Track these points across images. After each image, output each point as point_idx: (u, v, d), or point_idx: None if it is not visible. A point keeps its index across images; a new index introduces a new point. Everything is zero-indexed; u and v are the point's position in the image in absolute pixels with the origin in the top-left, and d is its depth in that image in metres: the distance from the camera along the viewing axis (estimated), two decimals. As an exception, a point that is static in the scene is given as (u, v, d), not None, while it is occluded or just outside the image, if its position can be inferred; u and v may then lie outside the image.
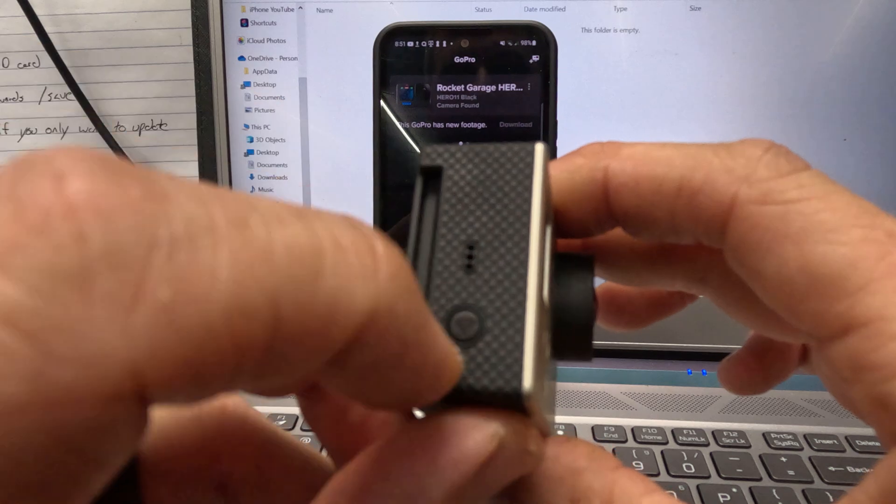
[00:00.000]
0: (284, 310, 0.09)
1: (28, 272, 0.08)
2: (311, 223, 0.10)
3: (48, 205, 0.08)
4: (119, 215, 0.08)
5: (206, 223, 0.09)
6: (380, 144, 0.44)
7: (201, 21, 0.51)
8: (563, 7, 0.49)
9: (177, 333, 0.08)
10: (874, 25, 0.48)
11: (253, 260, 0.09)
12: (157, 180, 0.09)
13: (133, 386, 0.08)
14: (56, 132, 0.64)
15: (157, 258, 0.08)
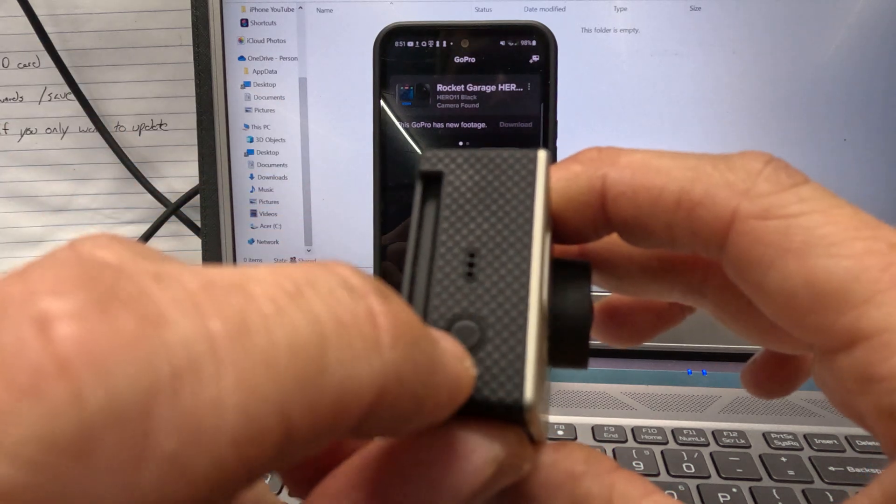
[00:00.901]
0: (293, 416, 0.09)
1: (22, 445, 0.07)
2: (309, 305, 0.09)
3: (37, 362, 0.07)
4: (116, 362, 0.07)
5: (206, 345, 0.08)
6: (380, 144, 0.44)
7: (201, 21, 0.51)
8: (563, 7, 0.49)
9: (186, 482, 0.08)
10: (874, 25, 0.48)
11: (257, 375, 0.08)
12: (149, 294, 0.08)
13: None
14: (56, 132, 0.64)
15: (160, 405, 0.08)
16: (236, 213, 0.53)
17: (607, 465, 0.16)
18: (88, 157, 0.64)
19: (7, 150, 0.64)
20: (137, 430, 0.07)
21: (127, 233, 0.64)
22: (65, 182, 0.64)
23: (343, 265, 0.11)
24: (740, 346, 0.51)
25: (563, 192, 0.17)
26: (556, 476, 0.15)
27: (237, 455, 0.08)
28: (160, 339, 0.08)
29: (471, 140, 0.44)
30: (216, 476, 0.08)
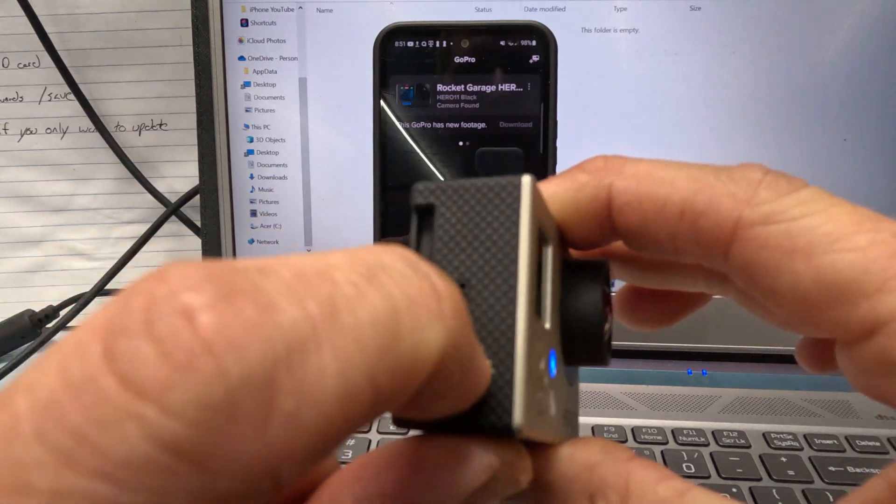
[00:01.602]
0: (380, 380, 0.11)
1: (184, 407, 0.09)
2: (383, 285, 0.11)
3: (189, 344, 0.09)
4: (246, 343, 0.09)
5: (307, 325, 0.10)
6: (380, 144, 0.44)
7: (201, 21, 0.51)
8: (563, 7, 0.49)
9: (303, 433, 0.10)
10: (874, 26, 0.48)
11: (349, 347, 0.10)
12: (260, 288, 0.10)
13: (271, 482, 0.10)
14: (56, 132, 0.64)
15: (280, 374, 0.10)
16: (236, 213, 0.53)
17: (624, 454, 0.16)
18: (88, 157, 0.64)
19: (7, 150, 0.64)
20: (266, 394, 0.09)
21: (127, 233, 0.64)
22: (65, 182, 0.64)
23: (403, 248, 0.12)
24: (740, 346, 0.51)
25: (570, 202, 0.17)
26: (573, 467, 0.16)
27: (340, 412, 0.10)
28: (274, 322, 0.10)
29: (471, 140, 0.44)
30: (326, 429, 0.10)
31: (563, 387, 0.17)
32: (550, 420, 0.16)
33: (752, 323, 0.50)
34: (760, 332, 0.50)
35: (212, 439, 0.09)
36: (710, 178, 0.16)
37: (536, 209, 0.15)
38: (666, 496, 0.15)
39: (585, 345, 0.17)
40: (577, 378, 0.19)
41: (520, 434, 0.14)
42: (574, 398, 0.19)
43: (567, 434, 0.17)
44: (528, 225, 0.14)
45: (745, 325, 0.50)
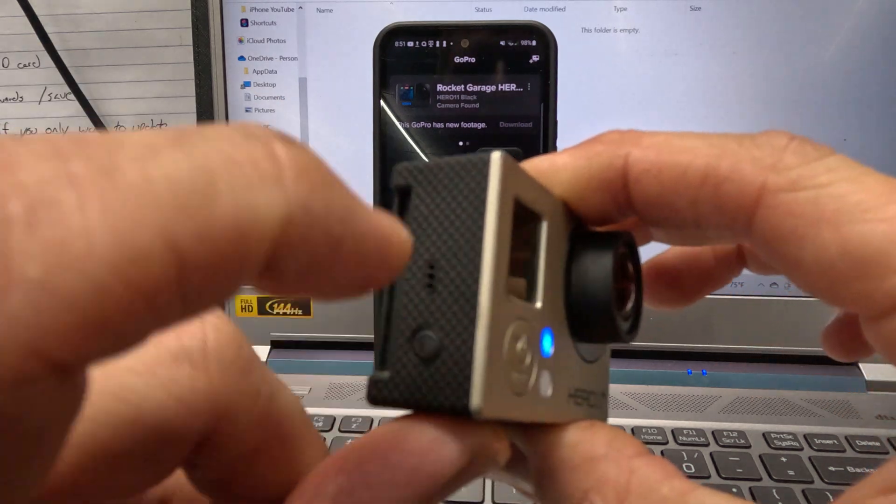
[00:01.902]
0: (183, 243, 0.09)
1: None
2: (193, 147, 0.09)
3: None
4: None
5: (65, 181, 0.08)
6: (380, 144, 0.44)
7: (201, 21, 0.51)
8: (563, 7, 0.49)
9: (63, 303, 0.08)
10: (874, 25, 0.48)
11: (130, 204, 0.09)
12: (4, 148, 0.09)
13: (39, 364, 0.08)
14: (56, 132, 0.64)
15: (15, 235, 0.08)
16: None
17: (630, 449, 0.15)
18: (88, 157, 0.64)
19: (7, 150, 0.64)
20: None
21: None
22: (65, 182, 0.64)
23: (246, 122, 0.11)
24: (740, 346, 0.51)
25: (584, 172, 0.17)
26: (576, 458, 0.15)
27: (121, 279, 0.08)
28: (11, 179, 0.08)
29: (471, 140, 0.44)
30: (101, 300, 0.08)
31: (571, 365, 0.17)
32: (540, 400, 0.15)
33: (752, 323, 0.50)
34: (760, 332, 0.50)
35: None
36: (732, 145, 0.16)
37: (511, 185, 0.14)
38: (669, 496, 0.14)
39: (593, 320, 0.16)
40: (604, 355, 0.19)
41: (479, 415, 0.13)
42: (594, 376, 0.18)
43: (579, 414, 0.17)
44: (495, 202, 0.14)
45: (745, 325, 0.50)
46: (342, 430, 0.42)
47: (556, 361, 0.16)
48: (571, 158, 0.17)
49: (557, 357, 0.16)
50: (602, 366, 0.19)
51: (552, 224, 0.16)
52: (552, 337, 0.16)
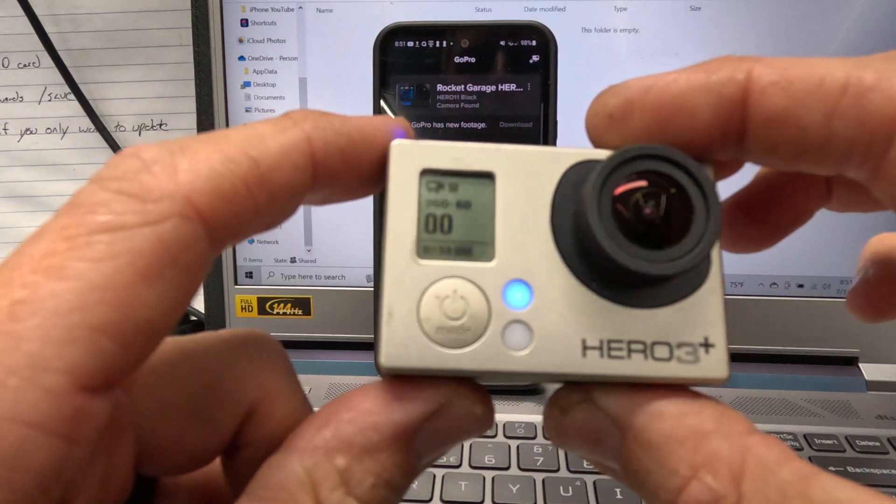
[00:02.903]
0: (253, 155, 0.15)
1: (121, 172, 0.14)
2: (250, 125, 0.16)
3: (129, 161, 0.14)
4: (151, 149, 0.15)
5: (193, 143, 0.15)
6: (380, 144, 0.44)
7: (201, 21, 0.51)
8: (563, 7, 0.49)
9: (200, 178, 0.14)
10: (874, 26, 0.48)
11: (223, 143, 0.15)
12: (172, 146, 0.15)
13: (191, 208, 0.14)
14: (56, 132, 0.64)
15: (176, 156, 0.15)
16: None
17: (742, 426, 0.14)
18: (88, 157, 0.64)
19: (7, 150, 0.64)
20: (169, 161, 0.15)
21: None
22: (65, 182, 0.64)
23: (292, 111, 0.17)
24: (740, 346, 0.51)
25: (702, 84, 0.15)
26: (680, 430, 0.14)
27: (224, 167, 0.15)
28: (175, 146, 0.15)
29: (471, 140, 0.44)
30: (217, 176, 0.15)
31: (586, 314, 0.16)
32: (507, 351, 0.16)
33: (752, 323, 0.50)
34: (760, 332, 0.50)
35: (138, 183, 0.14)
36: (875, 62, 0.14)
37: (412, 162, 0.16)
38: (790, 480, 0.13)
39: (589, 256, 0.16)
40: (694, 296, 0.16)
41: (386, 372, 0.15)
42: (664, 324, 0.16)
43: (637, 369, 0.16)
44: (391, 179, 0.16)
45: (745, 325, 0.50)
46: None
47: (540, 313, 0.16)
48: (686, 72, 0.16)
49: (544, 308, 0.16)
50: (687, 311, 0.16)
51: (513, 179, 0.16)
52: (529, 288, 0.16)
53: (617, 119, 0.16)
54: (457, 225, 0.16)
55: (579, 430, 0.16)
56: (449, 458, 0.39)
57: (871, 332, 0.49)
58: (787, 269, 0.50)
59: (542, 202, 0.16)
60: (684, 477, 0.14)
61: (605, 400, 0.16)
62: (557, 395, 0.17)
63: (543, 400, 0.45)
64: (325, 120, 0.16)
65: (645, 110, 0.16)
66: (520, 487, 0.36)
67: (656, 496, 0.14)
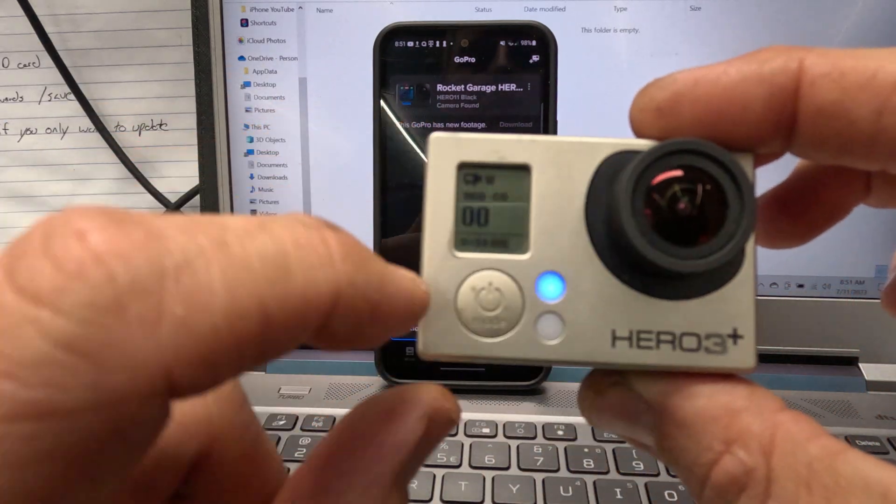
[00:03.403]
0: (269, 306, 0.12)
1: (76, 308, 0.10)
2: (273, 232, 0.12)
3: (80, 256, 0.10)
4: (134, 255, 0.10)
5: (196, 249, 0.11)
6: (380, 144, 0.44)
7: (201, 21, 0.51)
8: (563, 7, 0.49)
9: (193, 338, 0.11)
10: (874, 26, 0.48)
11: (237, 271, 0.11)
12: (151, 222, 0.11)
13: (165, 383, 0.11)
14: (56, 132, 0.64)
15: (168, 283, 0.11)
16: (236, 213, 0.53)
17: (773, 403, 0.15)
18: (88, 157, 0.64)
19: (7, 150, 0.64)
20: (154, 300, 0.10)
21: (127, 233, 0.64)
22: (65, 182, 0.64)
23: (304, 215, 0.13)
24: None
25: (755, 75, 0.15)
26: (712, 407, 0.15)
27: (229, 326, 0.11)
28: (163, 245, 0.11)
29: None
30: (216, 339, 0.11)
31: (615, 305, 0.16)
32: (540, 341, 0.16)
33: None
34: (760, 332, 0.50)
35: (103, 336, 0.10)
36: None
37: (451, 155, 0.16)
38: (818, 455, 0.13)
39: (620, 249, 0.16)
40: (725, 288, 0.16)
41: (424, 355, 0.16)
42: (693, 315, 0.16)
43: (666, 358, 0.16)
44: (430, 173, 0.16)
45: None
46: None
47: (572, 304, 0.16)
48: (737, 63, 0.15)
49: (576, 300, 0.16)
50: (717, 302, 0.16)
51: (549, 171, 0.16)
52: (562, 280, 0.16)
53: (666, 113, 0.16)
54: (493, 217, 0.17)
55: (614, 410, 0.17)
56: (449, 458, 0.39)
57: (871, 332, 0.49)
58: (787, 269, 0.50)
59: (577, 193, 0.16)
60: (717, 452, 0.14)
61: (639, 384, 0.16)
62: (591, 377, 0.17)
63: (544, 400, 0.45)
64: (365, 272, 0.13)
65: (696, 103, 0.15)
66: (520, 487, 0.36)
67: (691, 471, 0.15)
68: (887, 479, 0.13)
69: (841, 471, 0.13)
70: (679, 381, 0.15)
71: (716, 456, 0.14)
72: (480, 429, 0.41)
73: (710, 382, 0.15)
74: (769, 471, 0.14)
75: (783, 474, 0.13)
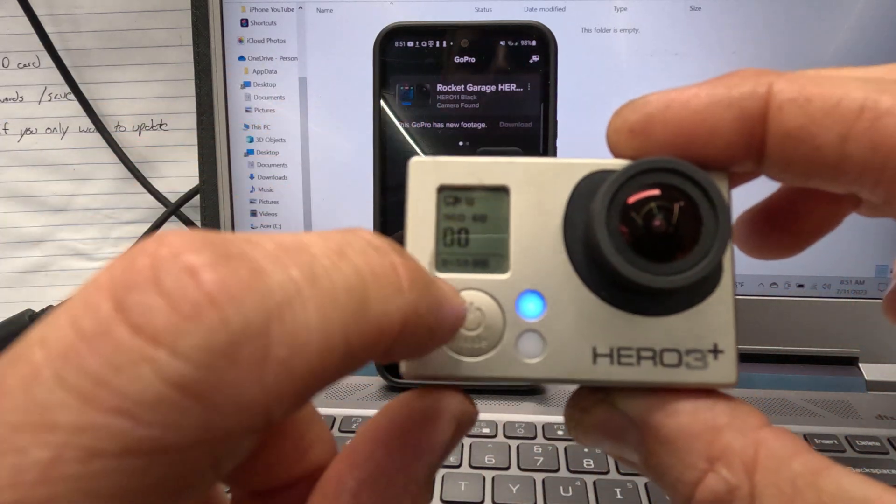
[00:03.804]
0: (351, 339, 0.12)
1: (193, 351, 0.10)
2: (352, 260, 0.13)
3: (195, 297, 0.10)
4: (244, 298, 0.11)
5: (293, 287, 0.11)
6: (380, 144, 0.44)
7: (201, 21, 0.51)
8: (563, 7, 0.49)
9: (292, 378, 0.11)
10: (874, 26, 0.48)
11: (328, 308, 0.12)
12: (250, 254, 0.11)
13: (264, 420, 0.11)
14: (56, 132, 0.64)
15: (273, 326, 0.11)
16: (236, 213, 0.53)
17: (755, 420, 0.15)
18: (88, 157, 0.64)
19: (7, 150, 0.64)
20: (262, 342, 0.11)
21: (127, 233, 0.64)
22: (65, 182, 0.64)
23: (365, 230, 0.14)
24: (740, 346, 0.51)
25: (724, 99, 0.15)
26: (695, 425, 0.15)
27: (321, 362, 0.12)
28: (266, 284, 0.11)
29: (471, 140, 0.44)
30: (310, 377, 0.11)
31: (598, 323, 0.16)
32: (520, 359, 0.16)
33: (752, 323, 0.50)
34: (760, 332, 0.50)
35: (216, 380, 0.10)
36: (893, 85, 0.14)
37: (430, 179, 0.17)
38: (801, 472, 0.13)
39: (598, 266, 0.16)
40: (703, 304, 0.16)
41: (405, 376, 0.16)
42: (674, 331, 0.16)
43: (647, 375, 0.16)
44: (409, 196, 0.17)
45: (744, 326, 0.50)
46: (342, 431, 0.42)
47: (553, 322, 0.16)
48: (707, 87, 0.16)
49: (556, 318, 0.16)
50: (697, 318, 0.16)
51: (527, 192, 0.17)
52: (542, 298, 0.16)
53: (638, 134, 0.16)
54: (473, 238, 0.17)
55: (599, 428, 0.17)
56: (449, 457, 0.39)
57: (871, 332, 0.49)
58: (787, 269, 0.50)
59: (555, 213, 0.17)
60: (701, 470, 0.14)
61: (622, 401, 0.16)
62: (577, 395, 0.18)
63: (544, 400, 0.45)
64: (427, 297, 0.14)
65: (667, 126, 0.16)
66: (520, 487, 0.36)
67: (676, 489, 0.15)
68: (871, 495, 0.13)
69: (824, 487, 0.13)
70: (661, 398, 0.16)
71: (700, 474, 0.14)
72: (480, 429, 0.41)
73: (692, 399, 0.15)
74: (752, 488, 0.14)
75: (766, 492, 0.14)
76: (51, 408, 0.10)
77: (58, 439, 0.09)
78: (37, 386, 0.10)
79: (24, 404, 0.10)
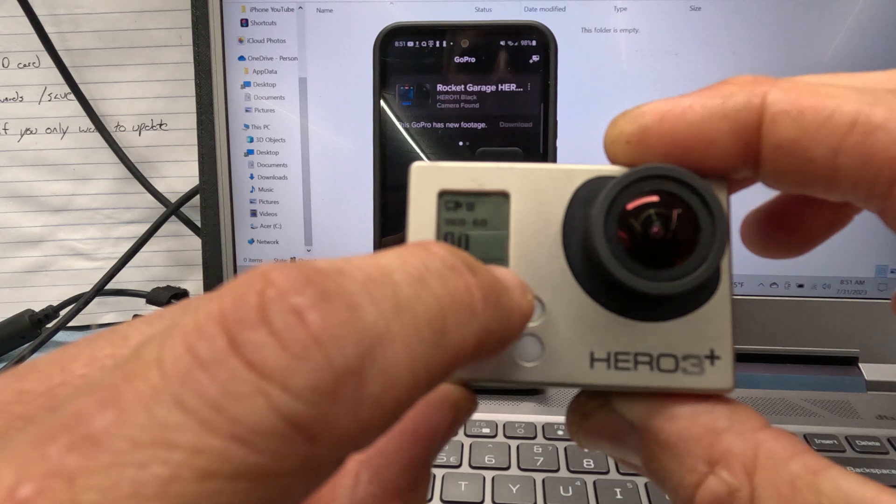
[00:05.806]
0: (432, 370, 0.13)
1: (302, 390, 0.11)
2: (431, 286, 0.13)
3: (303, 339, 0.11)
4: (344, 338, 0.11)
5: (383, 323, 0.12)
6: (380, 144, 0.44)
7: (201, 21, 0.51)
8: (563, 7, 0.49)
9: (382, 413, 0.12)
10: (874, 26, 0.48)
11: (414, 342, 0.12)
12: (347, 289, 0.12)
13: (355, 451, 0.12)
14: (56, 132, 0.64)
15: (367, 364, 0.11)
16: (236, 213, 0.53)
17: (754, 422, 0.15)
18: (88, 157, 0.64)
19: (7, 150, 0.64)
20: (358, 380, 0.11)
21: (127, 233, 0.64)
22: (65, 182, 0.64)
23: (437, 245, 0.14)
24: (740, 346, 0.51)
25: (719, 110, 0.15)
26: (695, 428, 0.15)
27: (408, 396, 0.12)
28: (361, 321, 0.12)
29: (471, 140, 0.44)
30: (396, 410, 0.12)
31: (595, 328, 0.16)
32: (517, 363, 0.17)
33: (751, 323, 0.50)
34: (760, 332, 0.50)
35: (320, 416, 0.11)
36: (888, 97, 0.14)
37: (429, 184, 0.17)
38: (800, 473, 0.14)
39: (597, 272, 0.16)
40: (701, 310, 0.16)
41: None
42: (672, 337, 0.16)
43: (643, 380, 0.16)
44: (411, 200, 0.17)
45: (744, 326, 0.50)
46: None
47: (551, 327, 0.16)
48: (702, 98, 0.16)
49: (554, 322, 0.17)
50: (694, 324, 0.16)
51: (527, 197, 0.17)
52: (540, 303, 0.17)
53: (635, 145, 0.16)
54: (473, 243, 0.17)
55: (600, 433, 0.17)
56: (449, 458, 0.39)
57: (871, 332, 0.49)
58: (787, 269, 0.50)
59: (555, 219, 0.17)
60: (701, 473, 0.15)
61: (622, 406, 0.16)
62: (578, 401, 0.18)
63: (544, 400, 0.45)
64: (499, 314, 0.14)
65: (663, 137, 0.16)
66: (520, 487, 0.36)
67: (677, 492, 0.15)
68: (869, 495, 0.13)
69: (822, 488, 0.13)
70: (661, 402, 0.16)
71: (700, 477, 0.15)
72: (480, 429, 0.41)
73: (691, 402, 0.15)
74: (752, 490, 0.14)
75: (766, 493, 0.14)
76: (170, 428, 0.10)
77: (177, 458, 0.10)
78: (157, 406, 0.10)
79: (144, 422, 0.10)
